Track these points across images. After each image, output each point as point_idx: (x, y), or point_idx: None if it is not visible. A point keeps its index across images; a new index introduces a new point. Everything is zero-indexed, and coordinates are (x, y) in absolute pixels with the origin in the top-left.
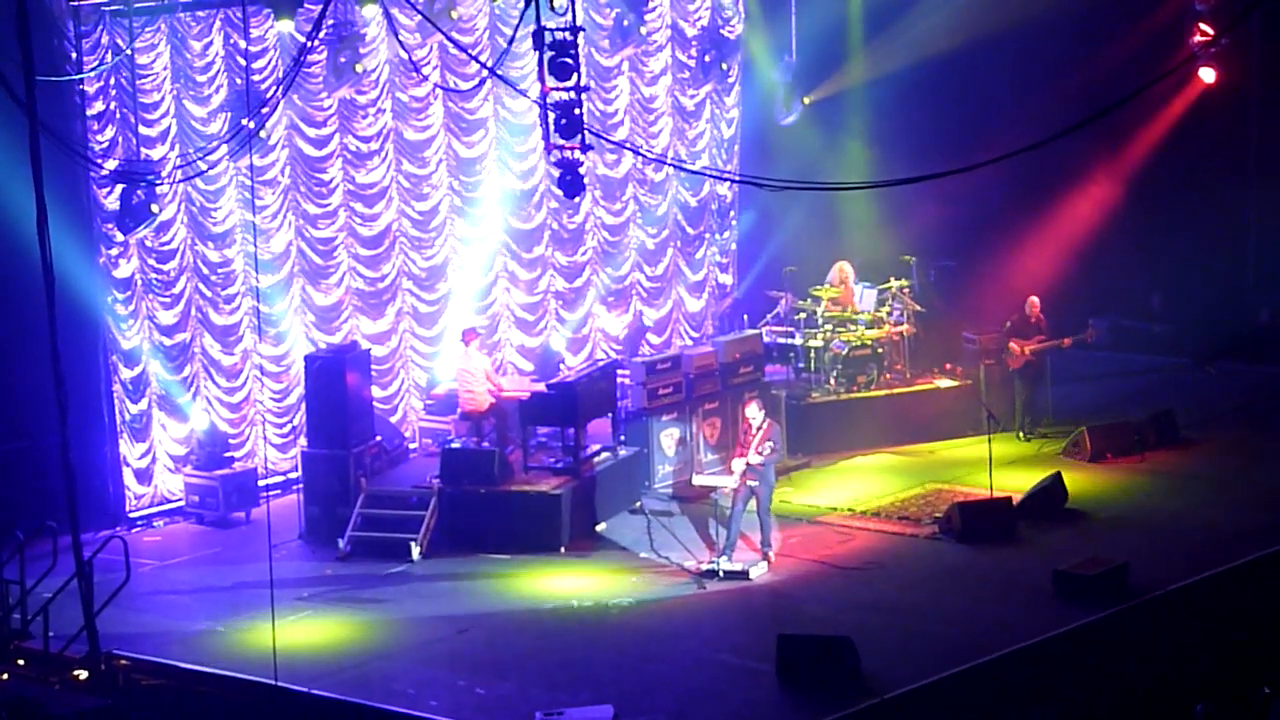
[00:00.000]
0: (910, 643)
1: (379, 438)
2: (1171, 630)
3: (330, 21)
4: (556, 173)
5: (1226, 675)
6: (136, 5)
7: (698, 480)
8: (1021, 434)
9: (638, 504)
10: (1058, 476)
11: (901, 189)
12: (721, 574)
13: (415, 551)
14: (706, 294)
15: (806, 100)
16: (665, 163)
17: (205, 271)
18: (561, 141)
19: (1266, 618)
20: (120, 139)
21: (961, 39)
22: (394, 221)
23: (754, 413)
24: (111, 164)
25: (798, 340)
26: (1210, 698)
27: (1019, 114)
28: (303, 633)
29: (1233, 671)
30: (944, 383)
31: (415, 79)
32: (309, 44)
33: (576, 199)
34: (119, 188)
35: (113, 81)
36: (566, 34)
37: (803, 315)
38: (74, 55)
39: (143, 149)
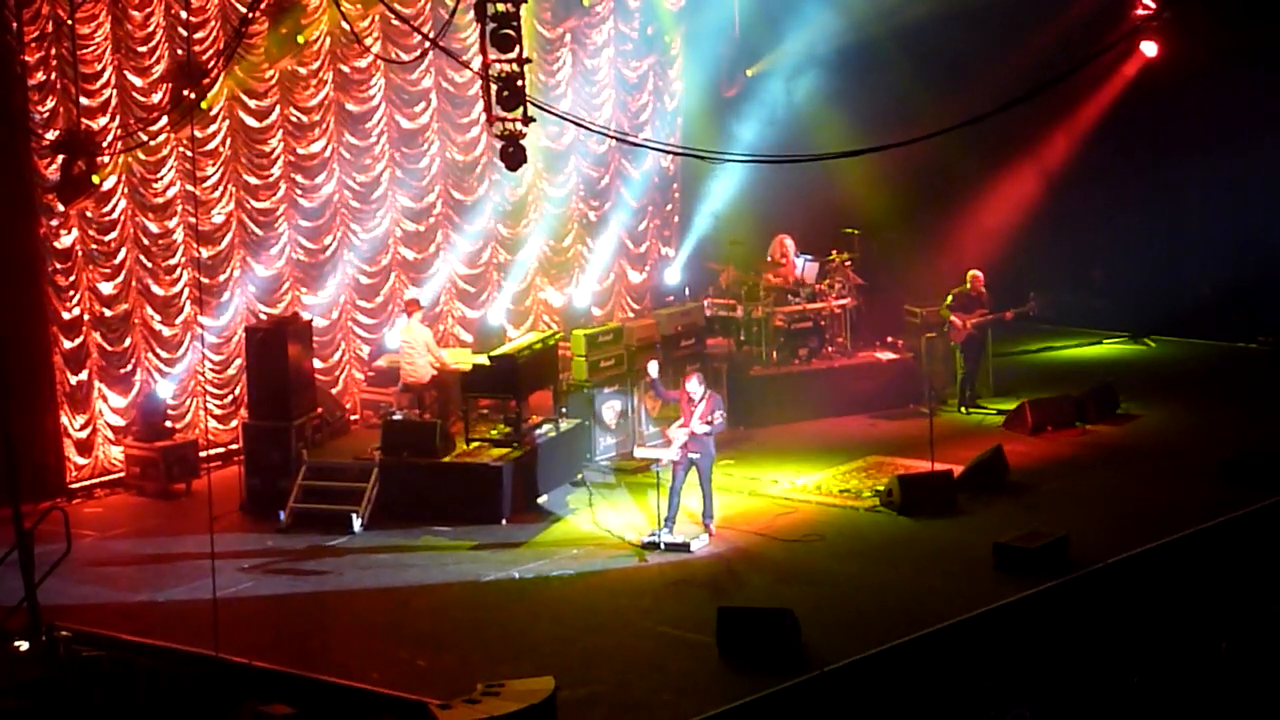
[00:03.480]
0: (851, 615)
1: (320, 410)
2: (1111, 603)
3: None
4: (499, 145)
5: (1164, 648)
6: None
7: (639, 453)
8: (963, 408)
9: (579, 476)
10: (998, 450)
11: (844, 162)
12: (663, 546)
13: (356, 523)
14: (649, 267)
15: (749, 73)
16: (608, 135)
17: (146, 243)
18: (504, 113)
19: (1205, 591)
20: (61, 110)
21: (908, 11)
22: (335, 193)
23: (695, 386)
24: (52, 135)
25: (739, 313)
26: (1147, 670)
27: (963, 87)
28: (244, 605)
29: (1171, 644)
30: (885, 355)
31: (357, 50)
32: (250, 15)
33: (519, 171)
34: (60, 158)
35: (53, 52)
36: (508, 6)
37: (744, 288)
38: (15, 25)
39: (83, 120)
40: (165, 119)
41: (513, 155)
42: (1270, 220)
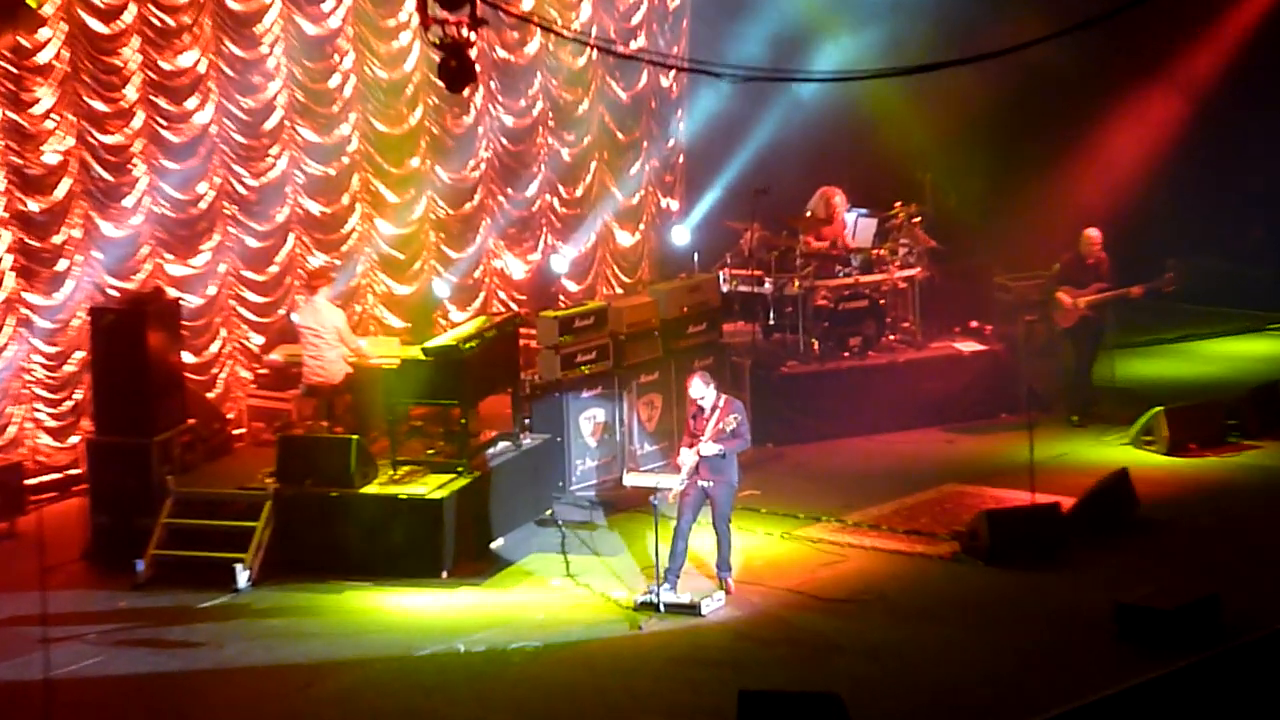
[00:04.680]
0: (919, 703)
1: (192, 421)
2: (1277, 684)
3: None
4: (437, 57)
5: None
6: None
7: (630, 480)
8: (1075, 417)
9: (548, 512)
10: (1123, 475)
11: (917, 84)
12: (663, 608)
13: (242, 577)
14: (644, 224)
15: None
16: (587, 44)
17: None
18: (444, 14)
19: None
20: None
21: None
22: (211, 124)
23: (700, 389)
24: None
25: (768, 288)
26: None
27: None
28: (86, 688)
29: None
30: (968, 346)
31: None
32: None
33: (465, 93)
34: None
35: None
36: None
37: (775, 254)
38: None
39: None
40: None
41: (456, 72)
42: None
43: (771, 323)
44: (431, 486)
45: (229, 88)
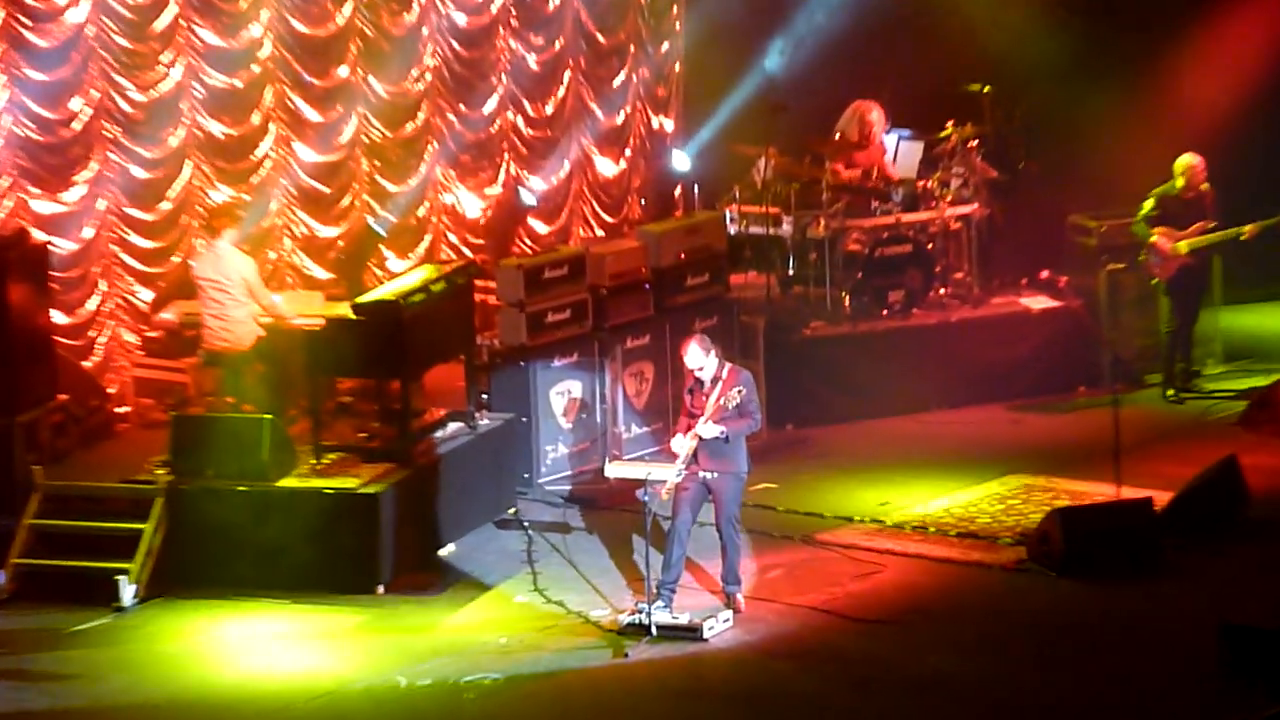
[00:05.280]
0: None
1: (64, 397)
2: None
3: None
4: None
5: None
6: None
7: (614, 471)
8: (1171, 391)
9: (511, 511)
10: (1232, 464)
11: None
12: (655, 631)
13: (127, 592)
14: (630, 150)
15: None
16: None
17: None
18: None
19: None
20: None
21: None
22: (87, 24)
23: (700, 357)
24: None
25: (786, 229)
26: None
27: None
28: None
29: None
30: (1038, 302)
31: None
32: None
33: None
34: None
35: None
36: None
37: (796, 187)
38: None
39: None
40: None
41: None
42: None
43: (791, 273)
44: (364, 479)
45: None
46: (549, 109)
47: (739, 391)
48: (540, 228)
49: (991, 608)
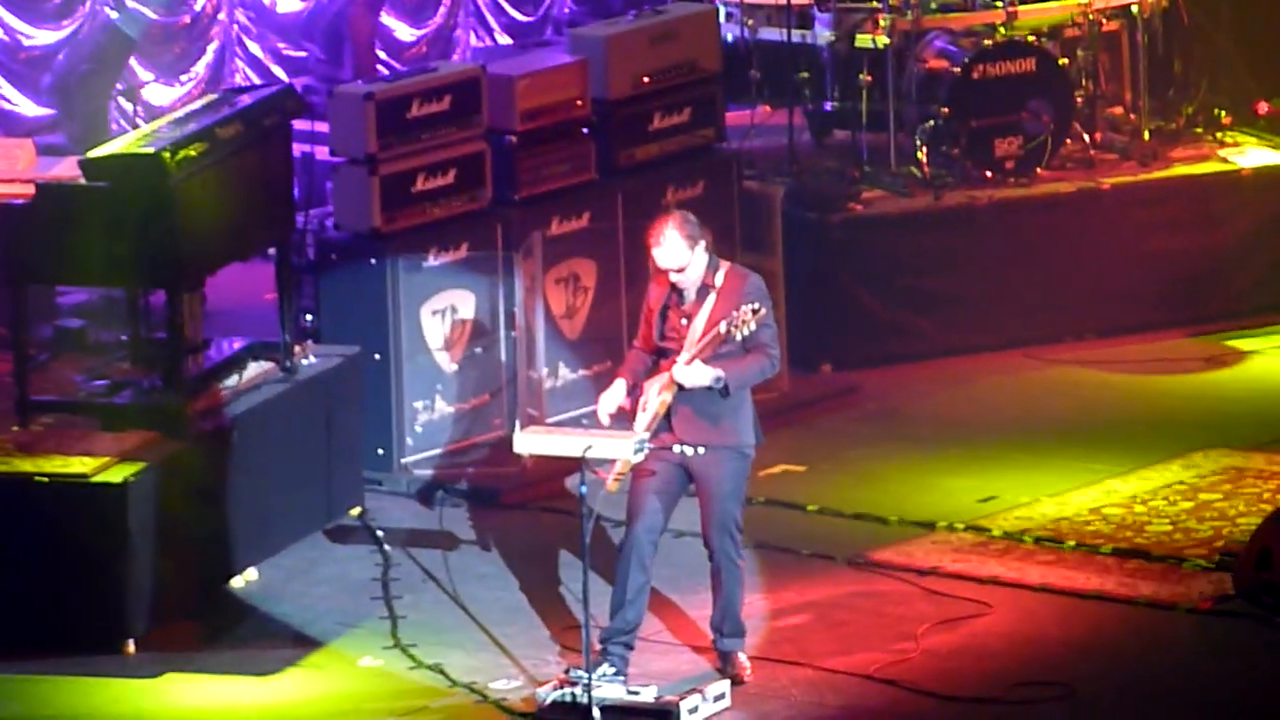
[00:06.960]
0: None
1: None
2: None
3: None
4: None
5: None
6: None
7: (527, 444)
8: None
9: (355, 512)
10: None
11: None
12: (598, 716)
13: None
14: None
15: None
16: None
17: None
18: None
19: None
20: None
21: None
22: None
23: (675, 251)
24: None
25: (823, 32)
26: None
27: None
28: None
29: None
30: (1248, 159)
31: None
32: None
33: None
34: None
35: None
36: None
37: None
38: None
39: None
40: None
41: None
42: None
43: (830, 108)
44: (102, 459)
45: None
46: None
47: (752, 310)
48: (404, 33)
49: (1174, 677)
